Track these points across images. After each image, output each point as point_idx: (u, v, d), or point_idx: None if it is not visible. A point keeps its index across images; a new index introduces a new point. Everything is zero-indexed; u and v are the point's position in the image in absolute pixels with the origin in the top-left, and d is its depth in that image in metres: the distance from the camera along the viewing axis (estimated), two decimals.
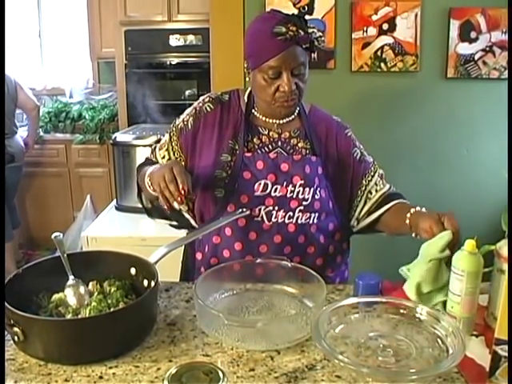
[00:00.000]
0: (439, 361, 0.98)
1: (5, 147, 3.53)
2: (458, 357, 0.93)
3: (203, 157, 1.46)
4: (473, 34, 2.33)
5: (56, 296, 1.20)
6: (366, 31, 2.32)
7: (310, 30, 1.34)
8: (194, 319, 1.20)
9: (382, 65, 2.35)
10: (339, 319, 1.10)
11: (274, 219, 1.42)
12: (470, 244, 1.11)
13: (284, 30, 1.29)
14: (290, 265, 1.33)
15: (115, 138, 2.82)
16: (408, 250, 1.23)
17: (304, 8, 2.30)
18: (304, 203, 1.42)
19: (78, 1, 4.55)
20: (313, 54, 1.46)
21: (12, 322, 1.01)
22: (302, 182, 1.41)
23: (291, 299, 1.29)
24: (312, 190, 1.42)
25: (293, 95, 1.37)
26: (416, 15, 2.31)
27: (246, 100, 1.49)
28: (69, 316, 1.14)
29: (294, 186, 1.41)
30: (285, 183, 1.41)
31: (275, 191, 1.41)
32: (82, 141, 4.22)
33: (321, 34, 1.42)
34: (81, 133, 4.30)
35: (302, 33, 1.31)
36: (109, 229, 2.59)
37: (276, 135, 1.47)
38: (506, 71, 2.36)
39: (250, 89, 1.49)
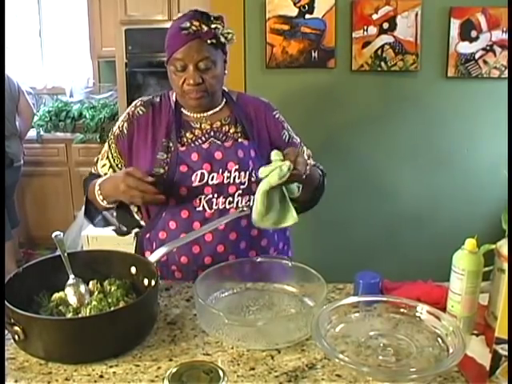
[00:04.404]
0: (439, 360, 0.98)
1: (4, 149, 3.51)
2: (459, 356, 0.94)
3: (140, 158, 1.49)
4: (473, 33, 2.32)
5: (56, 295, 1.21)
6: (367, 30, 2.32)
7: (213, 26, 1.39)
8: (195, 318, 1.20)
9: (383, 64, 2.35)
10: (339, 318, 1.10)
11: (215, 206, 1.45)
12: (470, 243, 1.11)
13: (188, 24, 1.37)
14: (290, 264, 1.34)
15: None
16: (409, 249, 1.23)
17: (304, 7, 2.29)
18: (242, 187, 1.47)
19: (78, 0, 4.55)
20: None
21: (12, 321, 1.01)
22: (237, 166, 1.46)
23: (291, 298, 1.29)
24: (247, 173, 1.47)
25: (199, 88, 1.42)
26: (416, 14, 2.30)
27: (174, 99, 1.54)
28: (69, 315, 1.15)
29: (230, 172, 1.46)
30: (220, 170, 1.46)
31: (212, 179, 1.45)
32: (82, 140, 4.22)
33: (230, 30, 1.43)
34: (81, 132, 4.30)
35: (206, 28, 1.38)
36: (109, 228, 2.58)
37: (208, 126, 1.52)
38: (507, 70, 2.36)
39: None
